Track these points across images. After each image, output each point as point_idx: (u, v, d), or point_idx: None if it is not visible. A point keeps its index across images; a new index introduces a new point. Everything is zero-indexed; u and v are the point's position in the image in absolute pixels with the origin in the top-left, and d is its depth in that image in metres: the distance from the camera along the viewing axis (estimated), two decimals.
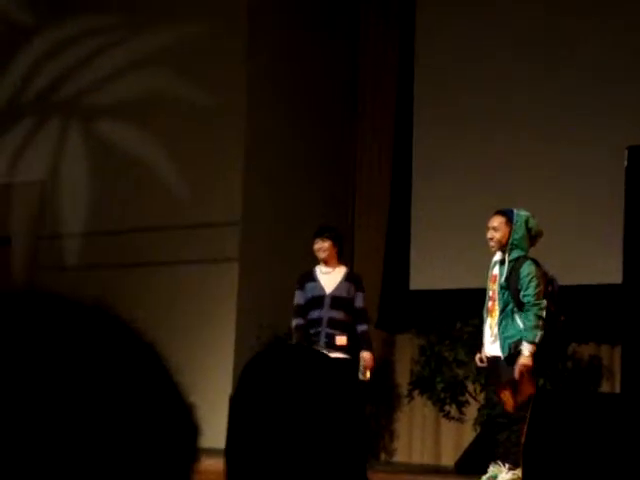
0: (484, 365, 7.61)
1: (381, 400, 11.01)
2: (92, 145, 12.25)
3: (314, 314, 8.11)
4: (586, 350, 10.18)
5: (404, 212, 11.41)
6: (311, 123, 11.72)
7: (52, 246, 12.17)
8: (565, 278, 9.15)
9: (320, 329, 8.06)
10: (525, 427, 7.27)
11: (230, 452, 1.42)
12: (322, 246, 8.33)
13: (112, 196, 11.93)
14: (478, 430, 10.06)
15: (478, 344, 9.98)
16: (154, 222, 11.54)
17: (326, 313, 8.10)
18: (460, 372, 10.19)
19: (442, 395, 10.26)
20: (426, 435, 10.99)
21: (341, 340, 8.04)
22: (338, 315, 8.09)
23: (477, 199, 10.82)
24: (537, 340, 7.16)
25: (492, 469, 7.29)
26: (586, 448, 7.49)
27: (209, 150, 11.33)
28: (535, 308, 7.20)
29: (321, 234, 8.41)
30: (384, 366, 11.32)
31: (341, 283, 8.20)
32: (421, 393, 10.46)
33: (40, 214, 12.41)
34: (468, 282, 10.64)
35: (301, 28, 11.75)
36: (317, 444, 1.38)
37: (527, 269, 7.29)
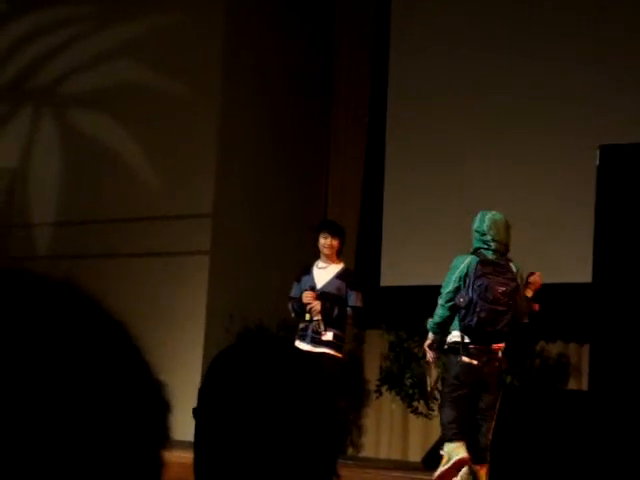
0: None
1: (350, 395, 11.03)
2: (64, 134, 12.19)
3: (305, 308, 8.06)
4: (554, 348, 10.24)
5: (376, 209, 11.43)
6: (285, 117, 11.71)
7: (23, 235, 12.11)
8: None
9: (308, 324, 8.03)
10: (493, 424, 7.31)
11: (198, 444, 1.42)
12: (331, 243, 8.26)
13: (84, 186, 11.89)
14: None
15: None
16: (126, 213, 11.50)
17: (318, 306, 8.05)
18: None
19: (410, 391, 10.29)
20: (394, 431, 11.02)
21: (327, 336, 8.02)
22: (326, 311, 8.04)
23: (448, 197, 10.86)
24: (428, 326, 7.55)
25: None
26: (553, 444, 7.53)
27: (182, 142, 11.30)
28: (439, 298, 7.52)
29: (331, 230, 8.31)
30: (354, 361, 11.34)
31: (332, 279, 8.18)
32: (390, 389, 10.49)
33: (10, 203, 12.35)
34: (438, 279, 10.65)
35: (278, 21, 11.74)
36: (287, 437, 1.37)
37: (454, 263, 7.56)
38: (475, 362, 7.30)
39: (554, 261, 9.87)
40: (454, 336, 7.40)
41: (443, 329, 7.46)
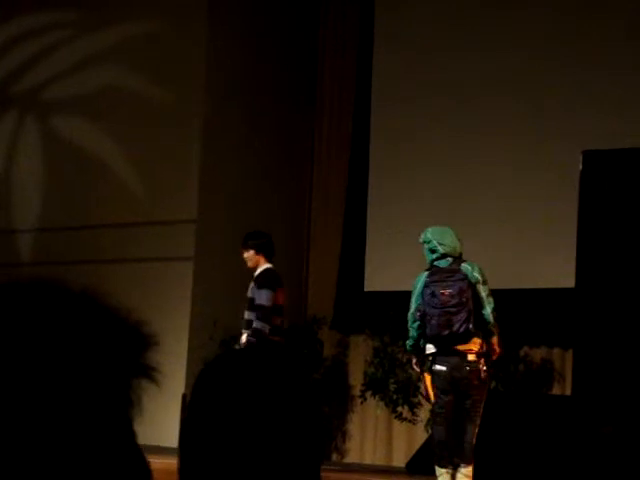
0: None
1: (334, 401, 11.02)
2: (48, 140, 12.16)
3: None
4: (538, 353, 10.26)
5: (360, 214, 11.44)
6: (269, 123, 11.71)
7: (5, 241, 12.07)
8: (518, 282, 9.25)
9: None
10: (476, 428, 7.33)
11: (184, 451, 1.42)
12: (246, 257, 8.74)
13: (67, 192, 11.85)
14: (429, 431, 10.10)
15: None
16: (109, 219, 11.48)
17: (245, 315, 8.50)
18: (413, 373, 10.24)
19: (395, 396, 10.30)
20: (378, 436, 11.02)
21: (242, 338, 8.46)
22: (248, 316, 8.45)
23: (432, 202, 10.87)
24: (406, 348, 7.96)
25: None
26: (537, 448, 7.54)
27: (166, 147, 11.29)
28: (408, 322, 7.77)
29: (244, 243, 8.78)
30: (338, 367, 11.34)
31: (252, 284, 8.54)
32: (374, 394, 10.49)
33: None
34: None
35: (261, 25, 11.74)
36: (271, 444, 1.38)
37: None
38: (444, 368, 7.38)
39: (537, 266, 9.90)
40: (426, 349, 7.58)
41: (418, 348, 7.65)
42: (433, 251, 7.65)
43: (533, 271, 9.87)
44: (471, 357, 7.36)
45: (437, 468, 7.42)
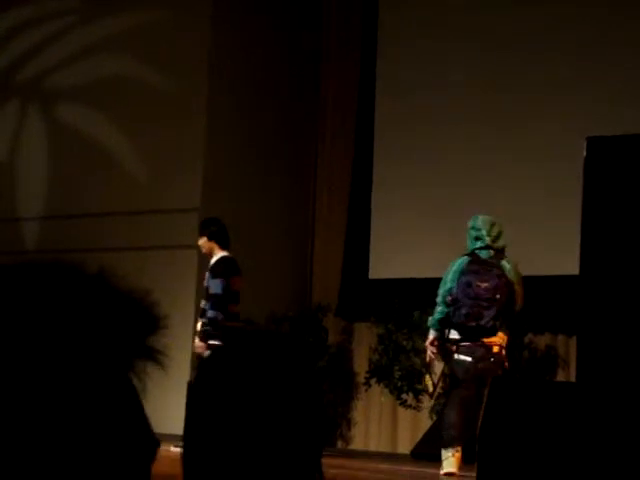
0: None
1: (339, 388, 11.04)
2: (50, 129, 12.16)
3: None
4: (542, 340, 10.27)
5: (364, 201, 11.44)
6: (273, 111, 11.70)
7: (9, 229, 12.08)
8: (522, 269, 9.21)
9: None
10: (480, 416, 7.34)
11: (188, 439, 1.43)
12: (200, 244, 8.84)
13: (70, 180, 11.86)
14: (434, 418, 10.12)
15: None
16: (113, 207, 11.48)
17: (202, 304, 8.69)
18: (417, 361, 10.24)
19: (399, 383, 10.31)
20: (383, 423, 11.04)
21: (198, 326, 8.65)
22: (203, 304, 8.65)
23: (436, 190, 10.87)
24: (429, 324, 7.80)
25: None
26: (541, 436, 7.56)
27: (170, 136, 11.28)
28: (437, 297, 7.76)
29: (199, 231, 8.85)
30: (342, 354, 11.36)
31: (207, 273, 8.70)
32: (379, 381, 10.50)
33: None
34: (427, 272, 10.69)
35: (265, 16, 11.72)
36: (273, 432, 1.38)
37: (450, 265, 7.80)
38: (468, 359, 7.40)
39: (542, 253, 9.90)
40: (449, 334, 7.55)
41: (444, 325, 7.62)
42: (478, 239, 7.65)
43: (537, 258, 9.86)
44: (496, 349, 7.45)
45: (444, 451, 7.44)
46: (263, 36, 11.65)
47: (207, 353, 8.47)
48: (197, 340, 8.66)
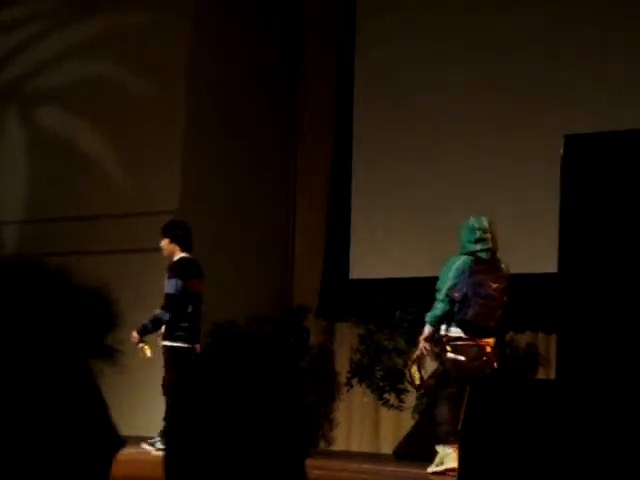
0: None
1: (320, 388, 11.05)
2: (31, 132, 12.14)
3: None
4: (523, 338, 10.31)
5: (344, 202, 11.45)
6: (251, 114, 11.71)
7: None
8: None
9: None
10: (462, 413, 7.38)
11: (171, 441, 1.44)
12: (162, 244, 8.97)
13: (50, 184, 11.84)
14: (416, 418, 10.15)
15: (416, 333, 10.09)
16: (92, 210, 11.47)
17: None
18: (399, 361, 10.27)
19: (381, 383, 10.33)
20: (365, 423, 11.06)
21: (162, 330, 8.77)
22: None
23: (416, 190, 10.90)
24: (427, 319, 7.76)
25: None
26: (522, 433, 7.58)
27: (148, 139, 11.28)
28: (437, 293, 7.76)
29: (162, 233, 8.97)
30: (324, 354, 11.37)
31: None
32: (360, 381, 10.52)
33: None
34: (407, 271, 10.73)
35: (244, 19, 11.73)
36: (256, 433, 1.39)
37: (447, 263, 7.85)
38: (463, 358, 7.46)
39: (520, 251, 9.93)
40: (446, 332, 7.59)
41: (441, 323, 7.66)
42: (481, 240, 7.72)
43: (516, 257, 9.89)
44: (488, 349, 7.53)
45: (442, 448, 7.44)
46: (243, 39, 11.65)
47: (141, 346, 8.59)
48: (134, 333, 8.71)
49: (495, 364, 7.72)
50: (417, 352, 7.92)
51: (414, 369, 7.96)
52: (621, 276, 8.00)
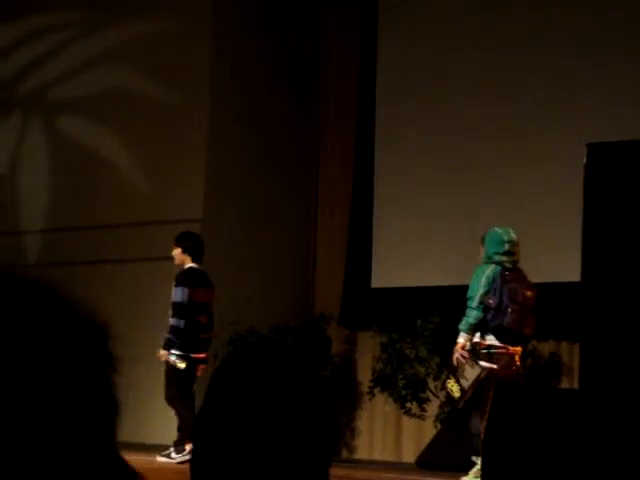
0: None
1: (342, 397, 11.03)
2: (53, 141, 12.19)
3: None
4: (546, 347, 10.26)
5: (366, 210, 11.44)
6: (274, 120, 11.72)
7: (11, 243, 12.09)
8: None
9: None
10: (484, 423, 7.36)
11: (198, 447, 1.43)
12: (174, 254, 9.09)
13: (73, 193, 11.88)
14: (439, 427, 10.11)
15: (438, 342, 10.07)
16: (115, 219, 11.50)
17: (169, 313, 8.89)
18: (421, 369, 10.24)
19: (403, 392, 10.31)
20: (387, 432, 11.03)
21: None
22: (170, 320, 8.87)
23: (439, 199, 10.87)
24: (462, 328, 7.71)
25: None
26: (544, 442, 7.54)
27: (171, 147, 11.30)
28: (469, 302, 7.74)
29: (175, 241, 9.14)
30: (346, 363, 11.35)
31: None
32: (382, 390, 10.50)
33: None
34: (429, 280, 10.70)
35: (265, 23, 11.74)
36: (282, 441, 1.38)
37: (477, 272, 7.84)
38: (494, 366, 7.50)
39: (544, 260, 9.89)
40: (480, 339, 7.61)
41: (475, 331, 7.68)
42: (510, 253, 7.78)
43: (539, 265, 9.86)
44: (517, 358, 7.60)
45: (479, 458, 7.48)
46: (263, 46, 11.67)
47: (173, 360, 8.63)
48: (161, 349, 8.80)
49: (521, 371, 7.75)
50: (453, 363, 7.86)
51: (451, 382, 7.86)
52: None
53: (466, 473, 7.82)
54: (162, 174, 11.35)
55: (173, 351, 8.80)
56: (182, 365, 8.70)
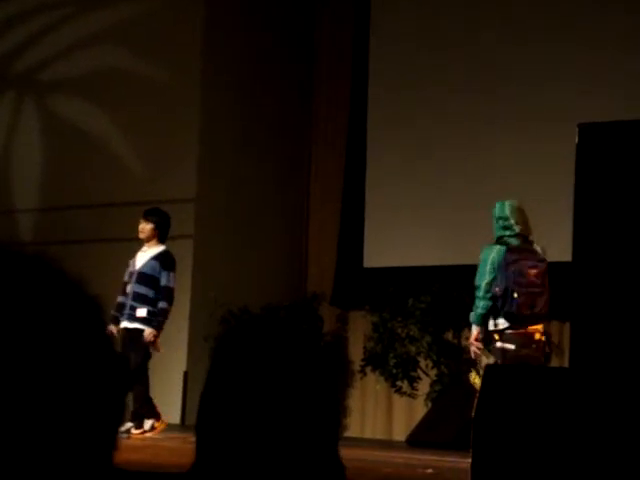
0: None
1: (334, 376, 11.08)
2: (46, 120, 12.18)
3: (127, 288, 8.85)
4: None
5: (359, 190, 11.46)
6: (266, 100, 11.73)
7: (6, 222, 12.10)
8: None
9: (126, 301, 8.78)
10: (475, 402, 7.40)
11: (201, 425, 1.43)
12: (143, 228, 8.99)
13: (67, 172, 11.88)
14: (429, 405, 10.18)
15: (429, 321, 10.11)
16: (109, 198, 11.51)
17: (132, 287, 8.79)
18: (412, 348, 10.30)
19: (394, 371, 10.36)
20: (378, 410, 11.09)
21: (141, 312, 8.73)
22: (141, 290, 8.75)
23: (430, 177, 10.91)
24: (472, 320, 7.58)
25: None
26: (535, 421, 7.60)
27: (164, 127, 11.31)
28: (477, 291, 7.58)
29: (144, 215, 9.07)
30: (337, 342, 11.41)
31: (149, 261, 8.84)
32: (374, 369, 10.55)
33: None
34: (421, 260, 10.75)
35: (259, 7, 11.73)
36: (290, 422, 1.39)
37: (483, 254, 7.64)
38: (511, 347, 7.44)
39: (535, 240, 9.92)
40: (492, 324, 7.55)
41: (486, 320, 7.59)
42: (506, 228, 7.64)
43: None
44: (537, 336, 7.49)
45: None
46: (258, 26, 11.66)
47: (159, 343, 8.59)
48: (148, 328, 8.70)
49: (547, 349, 7.63)
50: (471, 355, 7.83)
51: (473, 375, 7.85)
52: (635, 265, 8.01)
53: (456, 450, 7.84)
54: (156, 154, 11.36)
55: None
56: (162, 350, 8.78)
